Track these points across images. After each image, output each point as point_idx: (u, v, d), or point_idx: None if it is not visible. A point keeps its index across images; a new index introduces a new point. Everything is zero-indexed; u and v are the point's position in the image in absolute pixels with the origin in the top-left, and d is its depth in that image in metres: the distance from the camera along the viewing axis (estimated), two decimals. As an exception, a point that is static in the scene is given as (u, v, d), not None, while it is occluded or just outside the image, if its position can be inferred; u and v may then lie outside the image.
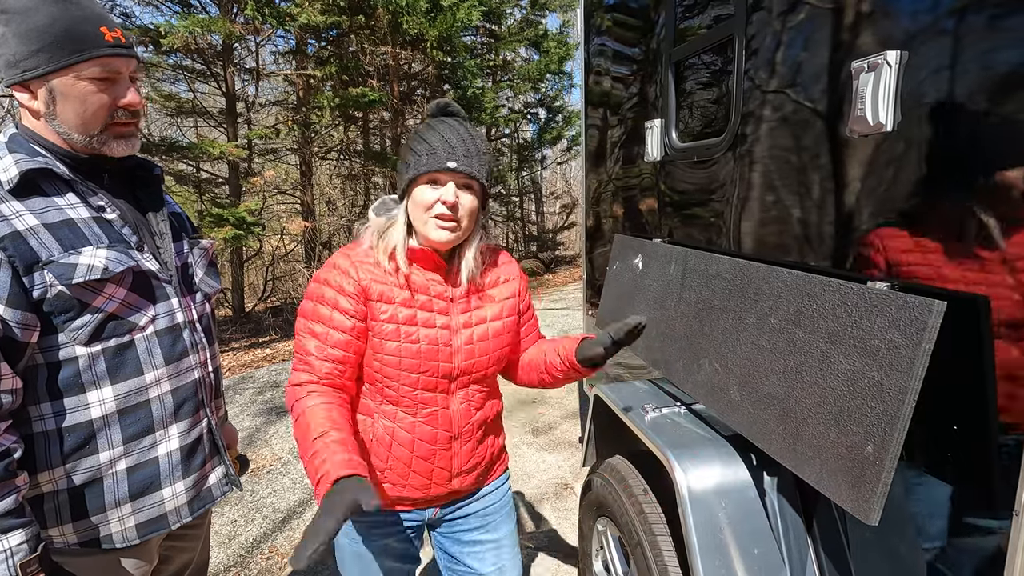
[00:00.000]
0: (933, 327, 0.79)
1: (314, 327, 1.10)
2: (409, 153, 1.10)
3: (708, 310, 1.37)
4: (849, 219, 1.04)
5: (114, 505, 1.01)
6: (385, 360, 1.11)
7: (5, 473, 0.86)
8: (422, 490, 1.20)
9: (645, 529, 1.45)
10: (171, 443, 1.07)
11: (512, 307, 1.25)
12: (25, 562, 0.86)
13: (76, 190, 0.99)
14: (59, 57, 0.92)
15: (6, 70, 0.93)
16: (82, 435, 0.97)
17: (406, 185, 1.10)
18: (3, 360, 0.88)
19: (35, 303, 0.91)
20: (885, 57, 0.91)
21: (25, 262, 0.89)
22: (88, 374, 0.96)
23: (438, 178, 1.07)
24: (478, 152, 1.09)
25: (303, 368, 1.10)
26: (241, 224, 5.84)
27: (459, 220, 1.09)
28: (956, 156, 0.84)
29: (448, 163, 1.05)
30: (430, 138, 1.08)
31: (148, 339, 1.03)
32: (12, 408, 0.90)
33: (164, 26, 5.87)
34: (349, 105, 7.28)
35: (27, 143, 0.96)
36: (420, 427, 1.16)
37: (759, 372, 1.15)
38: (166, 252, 1.10)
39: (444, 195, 1.06)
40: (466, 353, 1.17)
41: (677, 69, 1.70)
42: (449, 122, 1.11)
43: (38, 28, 0.91)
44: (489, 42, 9.89)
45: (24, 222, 0.90)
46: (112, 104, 0.98)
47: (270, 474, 3.35)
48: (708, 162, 1.51)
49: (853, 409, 0.91)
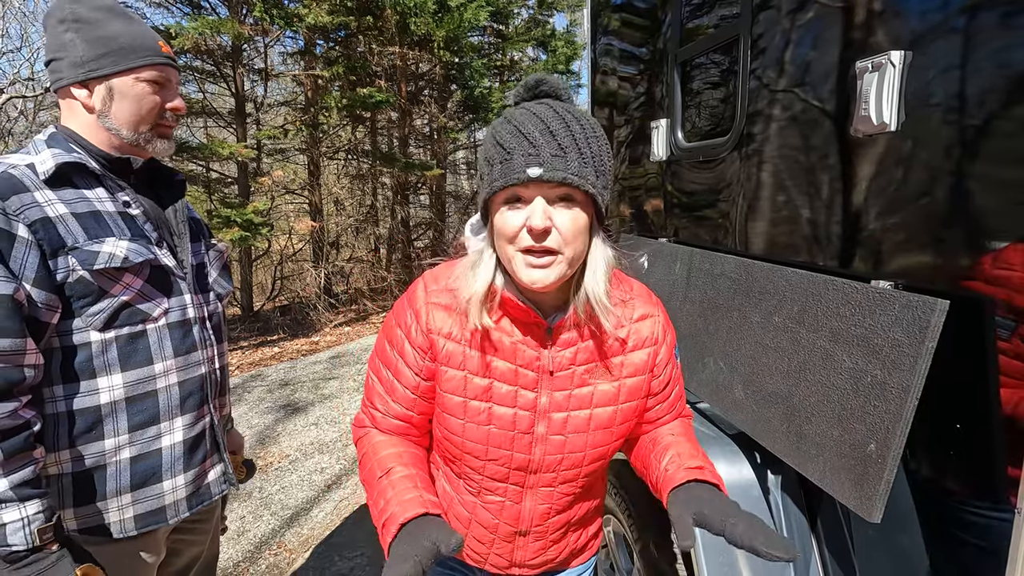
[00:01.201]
0: (936, 326, 0.80)
1: (381, 371, 0.92)
2: (483, 161, 0.81)
3: (713, 309, 1.38)
4: (853, 219, 1.04)
5: (115, 494, 1.05)
6: (446, 435, 0.90)
7: (25, 444, 0.91)
8: (476, 563, 1.01)
9: (649, 525, 1.45)
10: (175, 436, 1.10)
11: (636, 389, 0.89)
12: (42, 529, 0.91)
13: (105, 185, 1.06)
14: (123, 61, 1.04)
15: (69, 69, 1.03)
16: (90, 419, 1.01)
17: (483, 208, 0.82)
18: (28, 336, 0.93)
19: (58, 286, 0.97)
20: (889, 57, 0.91)
21: (52, 246, 0.96)
22: (100, 360, 1.01)
23: (520, 194, 0.76)
24: (577, 145, 0.75)
25: (367, 416, 0.95)
26: (248, 226, 5.88)
27: (558, 251, 0.76)
28: (960, 156, 0.84)
29: (528, 170, 0.73)
30: (505, 135, 0.76)
31: (160, 330, 1.08)
32: (33, 383, 0.95)
33: (175, 27, 5.92)
34: (357, 105, 7.31)
35: (65, 141, 1.05)
36: (480, 511, 0.95)
37: (763, 371, 1.15)
38: (183, 251, 1.16)
39: (530, 219, 0.75)
40: (553, 446, 0.88)
41: (683, 69, 1.70)
42: (534, 109, 0.77)
43: (107, 36, 1.04)
44: (496, 42, 9.90)
45: (55, 209, 0.98)
46: (162, 106, 1.10)
47: (278, 471, 3.38)
48: (714, 162, 1.51)
49: (856, 407, 0.91)
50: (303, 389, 4.79)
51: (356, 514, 2.91)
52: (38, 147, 1.03)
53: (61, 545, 0.94)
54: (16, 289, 0.92)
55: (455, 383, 0.86)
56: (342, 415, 4.24)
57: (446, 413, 0.88)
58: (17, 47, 10.69)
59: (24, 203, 0.95)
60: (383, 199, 9.55)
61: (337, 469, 3.40)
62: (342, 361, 5.61)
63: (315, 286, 7.51)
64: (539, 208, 0.74)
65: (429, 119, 9.51)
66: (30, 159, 1.01)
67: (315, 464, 3.47)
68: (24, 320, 0.93)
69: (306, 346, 6.24)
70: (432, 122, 9.51)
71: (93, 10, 1.04)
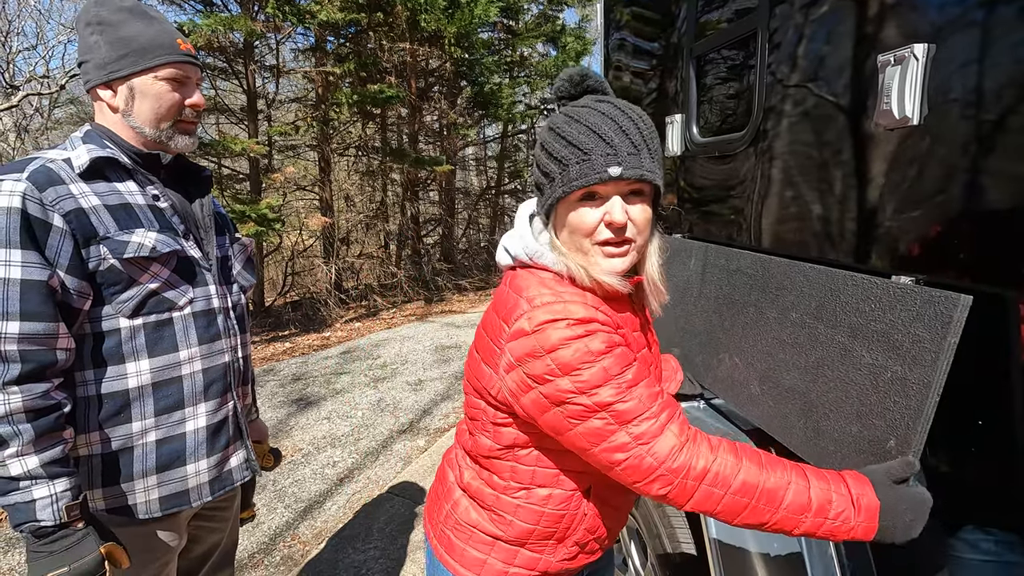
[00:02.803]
0: (959, 321, 0.79)
1: (628, 391, 0.79)
2: (549, 160, 0.84)
3: (729, 305, 1.37)
4: (874, 214, 1.04)
5: (141, 475, 1.08)
6: None
7: (55, 425, 0.96)
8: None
9: (664, 522, 1.46)
10: (199, 421, 1.13)
11: None
12: (69, 506, 0.95)
13: (136, 179, 1.11)
14: (142, 61, 1.08)
15: (95, 71, 1.08)
16: (118, 403, 1.05)
17: (553, 204, 0.85)
18: (62, 320, 0.97)
19: (90, 274, 1.01)
20: (912, 50, 0.90)
21: (85, 236, 1.00)
22: (128, 346, 1.06)
23: (597, 191, 0.82)
24: (645, 143, 0.82)
25: (675, 436, 0.78)
26: (262, 221, 5.93)
27: (632, 240, 0.84)
28: (984, 149, 0.83)
29: (610, 169, 0.79)
30: (578, 136, 0.81)
31: (185, 319, 1.12)
32: (65, 367, 1.00)
33: (187, 24, 5.97)
34: (367, 102, 7.34)
35: (99, 138, 1.10)
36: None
37: (780, 366, 1.15)
38: (209, 243, 1.20)
39: (610, 215, 0.81)
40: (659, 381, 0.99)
41: (698, 63, 1.69)
42: (600, 108, 0.83)
43: (127, 37, 1.07)
44: (506, 38, 9.88)
45: (88, 201, 1.02)
46: (181, 102, 1.13)
47: (291, 464, 3.42)
48: (729, 156, 1.50)
49: (875, 403, 0.91)
50: (315, 384, 4.83)
51: (369, 507, 2.93)
52: (75, 143, 1.08)
53: (87, 523, 0.97)
54: (51, 276, 0.96)
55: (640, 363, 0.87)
56: (354, 409, 4.28)
57: None
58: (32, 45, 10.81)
59: (60, 195, 0.99)
60: (393, 195, 9.58)
61: (350, 463, 3.44)
62: (353, 356, 5.65)
63: (326, 282, 7.56)
64: (618, 204, 0.81)
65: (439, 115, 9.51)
66: (67, 154, 1.06)
67: (328, 458, 3.50)
68: (57, 305, 0.97)
69: (317, 341, 6.29)
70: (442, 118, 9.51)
71: (115, 12, 1.08)
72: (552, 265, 0.88)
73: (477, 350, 0.96)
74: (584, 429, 0.79)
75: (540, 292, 0.84)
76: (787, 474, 0.78)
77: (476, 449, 0.97)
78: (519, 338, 0.82)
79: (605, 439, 0.79)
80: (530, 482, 0.92)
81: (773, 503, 0.76)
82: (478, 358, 0.94)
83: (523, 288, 0.87)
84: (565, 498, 0.93)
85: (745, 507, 0.76)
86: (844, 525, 0.76)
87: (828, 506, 0.76)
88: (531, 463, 0.92)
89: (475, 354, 0.96)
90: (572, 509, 0.94)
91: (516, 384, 0.84)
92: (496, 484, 0.95)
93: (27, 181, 0.97)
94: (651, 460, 0.77)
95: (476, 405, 0.96)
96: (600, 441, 0.79)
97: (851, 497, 0.77)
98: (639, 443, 0.78)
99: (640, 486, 0.79)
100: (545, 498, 0.93)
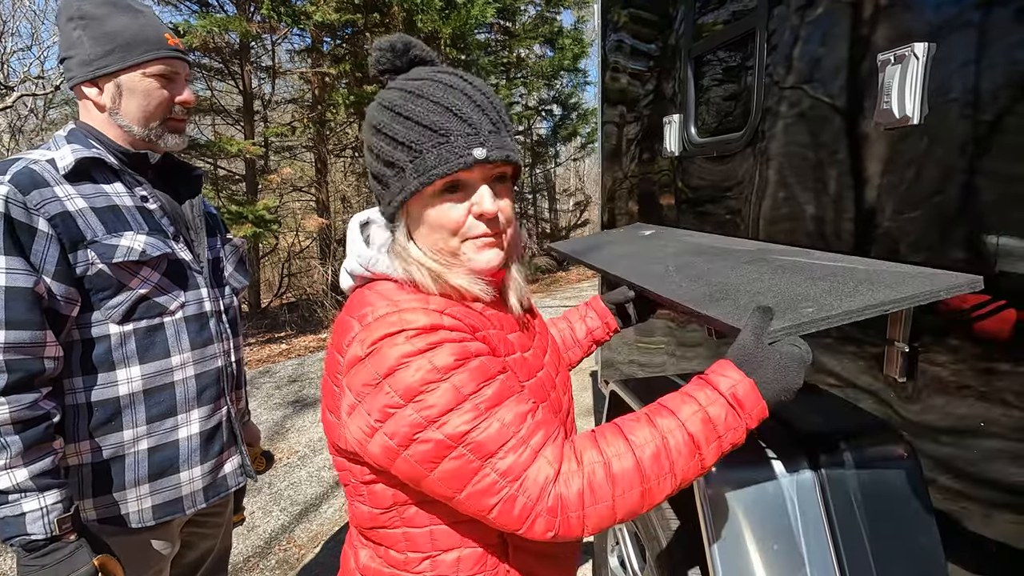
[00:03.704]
0: (955, 287, 0.78)
1: (483, 402, 0.65)
2: (392, 147, 0.68)
3: (684, 257, 1.31)
4: (873, 213, 1.03)
5: (133, 484, 1.06)
6: None
7: (44, 435, 0.93)
8: None
9: (662, 525, 1.45)
10: (192, 427, 1.11)
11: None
12: (61, 519, 0.92)
13: (124, 180, 1.07)
14: (129, 57, 1.03)
15: (79, 68, 1.03)
16: (109, 411, 1.03)
17: (404, 200, 0.70)
18: (49, 328, 0.94)
19: (78, 279, 0.98)
20: (912, 49, 0.89)
21: (72, 240, 0.97)
22: (119, 352, 1.03)
23: (461, 180, 0.69)
24: (502, 119, 0.70)
25: (539, 457, 0.64)
26: (260, 222, 5.91)
27: (503, 231, 0.73)
28: (984, 149, 0.83)
29: (474, 152, 0.66)
30: (428, 115, 0.66)
31: (177, 323, 1.09)
32: (53, 375, 0.97)
33: (183, 25, 5.95)
34: (364, 102, 7.31)
35: (84, 137, 1.06)
36: None
37: (714, 272, 1.09)
38: (199, 245, 1.17)
39: (479, 206, 0.69)
40: (563, 382, 0.86)
41: (696, 64, 1.69)
42: (445, 80, 0.69)
43: (112, 32, 1.02)
44: (503, 39, 9.88)
45: (74, 204, 0.99)
46: (170, 100, 1.09)
47: (287, 467, 3.40)
48: (728, 157, 1.50)
49: (814, 294, 0.84)
50: (311, 386, 4.81)
51: (365, 510, 2.91)
52: (58, 143, 1.04)
53: (79, 535, 0.95)
54: (36, 282, 0.93)
55: (518, 371, 0.74)
56: (350, 412, 4.25)
57: None
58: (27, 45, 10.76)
59: (44, 198, 0.96)
60: (390, 196, 9.52)
61: (345, 465, 3.42)
62: (349, 358, 5.62)
63: (322, 283, 7.53)
64: (487, 193, 0.69)
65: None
66: (51, 154, 1.02)
67: (324, 460, 3.48)
68: (44, 313, 0.94)
69: (314, 343, 6.26)
70: (439, 119, 9.45)
71: (98, 5, 1.04)
72: (391, 272, 0.73)
73: (322, 396, 0.77)
74: (441, 473, 0.63)
75: (375, 306, 0.68)
76: (655, 429, 0.66)
77: (359, 521, 0.78)
78: (353, 367, 0.66)
79: (468, 482, 0.63)
80: (431, 548, 0.74)
81: (663, 469, 0.65)
82: (323, 407, 0.76)
83: (356, 306, 0.72)
84: (478, 558, 0.75)
85: (642, 494, 0.64)
86: (736, 425, 0.66)
87: (711, 425, 0.66)
88: (423, 523, 0.73)
89: (323, 402, 0.78)
90: (491, 569, 0.75)
91: (360, 429, 0.66)
92: (395, 560, 0.76)
93: (10, 184, 0.93)
94: (524, 499, 0.62)
95: (341, 466, 0.76)
96: (463, 485, 0.63)
97: (724, 398, 0.66)
98: (508, 480, 0.62)
99: (522, 532, 0.64)
100: (454, 564, 0.74)
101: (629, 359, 2.36)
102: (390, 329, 0.65)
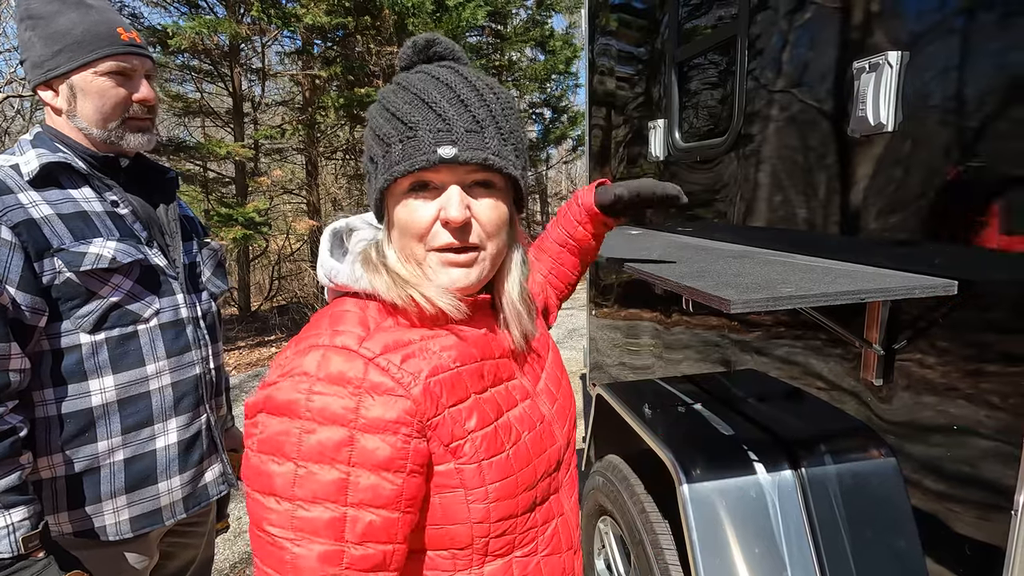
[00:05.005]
0: (930, 288, 0.82)
1: (314, 515, 0.56)
2: (373, 141, 0.63)
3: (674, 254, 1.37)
4: (850, 219, 1.04)
5: (110, 496, 1.03)
6: (499, 495, 0.63)
7: (10, 451, 0.90)
8: None
9: (647, 528, 1.45)
10: (169, 437, 1.09)
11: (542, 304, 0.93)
12: (27, 537, 0.89)
13: (92, 185, 1.04)
14: (78, 56, 0.99)
15: (32, 71, 1.00)
16: (82, 422, 1.00)
17: (378, 198, 0.64)
18: (13, 340, 0.92)
19: (44, 288, 0.95)
20: (886, 57, 0.91)
21: (37, 248, 0.94)
22: (91, 362, 1.00)
23: (428, 179, 0.61)
24: (494, 119, 0.61)
25: None
26: (250, 224, 5.88)
27: (479, 246, 0.63)
28: (957, 156, 0.84)
29: (440, 150, 0.58)
30: (402, 106, 0.60)
31: (151, 331, 1.07)
32: (19, 388, 0.94)
33: (172, 27, 5.91)
34: (354, 105, 7.30)
35: (50, 140, 1.03)
36: (547, 562, 0.71)
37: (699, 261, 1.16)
38: (175, 250, 1.14)
39: (445, 210, 0.60)
40: (560, 410, 0.76)
41: (681, 69, 1.70)
42: (436, 73, 0.62)
43: (60, 31, 0.98)
44: (495, 42, 9.90)
45: (40, 211, 0.96)
46: (127, 99, 1.05)
47: (275, 472, 3.37)
48: (711, 162, 1.51)
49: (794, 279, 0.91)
50: (301, 389, 4.78)
51: (353, 515, 2.89)
52: (23, 147, 1.01)
53: (47, 552, 0.92)
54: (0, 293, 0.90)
55: (475, 419, 0.62)
56: (340, 415, 4.23)
57: (488, 462, 0.63)
58: (14, 46, 10.65)
59: (7, 205, 0.93)
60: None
61: (334, 470, 3.39)
62: (340, 361, 5.60)
63: (313, 286, 7.50)
64: (455, 196, 0.60)
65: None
66: (14, 160, 0.99)
67: (312, 465, 3.46)
68: (8, 324, 0.91)
69: (304, 346, 6.22)
70: (430, 122, 9.45)
71: (46, 3, 1.00)
72: (352, 283, 0.64)
73: None
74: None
75: (308, 334, 0.61)
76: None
77: None
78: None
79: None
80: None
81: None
82: None
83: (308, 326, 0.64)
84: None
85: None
86: None
87: None
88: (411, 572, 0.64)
89: None
90: None
91: None
92: None
93: None
94: None
95: None
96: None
97: None
98: None
99: None
100: None
101: (618, 361, 2.36)
102: (282, 371, 0.58)
